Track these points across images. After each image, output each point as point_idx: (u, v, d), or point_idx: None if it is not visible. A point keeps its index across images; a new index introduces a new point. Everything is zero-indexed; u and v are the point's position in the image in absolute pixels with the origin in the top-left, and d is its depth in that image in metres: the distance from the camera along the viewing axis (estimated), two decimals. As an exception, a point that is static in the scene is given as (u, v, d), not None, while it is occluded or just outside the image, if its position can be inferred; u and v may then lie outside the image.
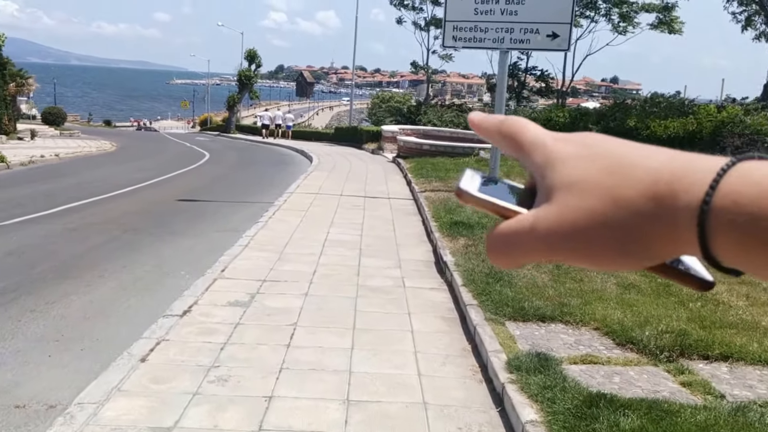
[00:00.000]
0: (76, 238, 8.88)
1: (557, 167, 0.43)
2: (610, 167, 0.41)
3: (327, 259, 7.68)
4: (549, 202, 0.43)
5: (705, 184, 0.38)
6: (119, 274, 7.17)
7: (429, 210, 10.49)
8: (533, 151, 0.45)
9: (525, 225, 0.43)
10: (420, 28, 33.10)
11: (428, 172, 15.18)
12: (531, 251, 0.44)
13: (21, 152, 19.23)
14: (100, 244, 8.55)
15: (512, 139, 0.46)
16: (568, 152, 0.43)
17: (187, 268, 7.56)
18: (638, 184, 0.40)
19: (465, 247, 7.82)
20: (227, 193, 13.73)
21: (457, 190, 0.47)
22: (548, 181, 0.43)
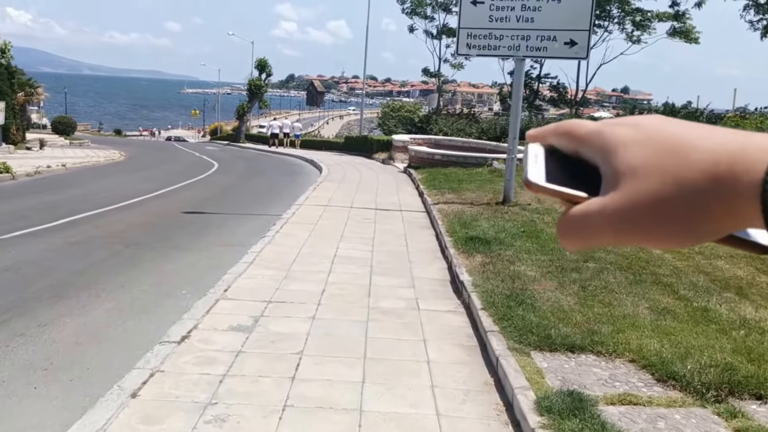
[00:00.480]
0: (77, 253, 8.50)
1: (619, 152, 0.45)
2: (669, 150, 0.43)
3: (336, 278, 7.26)
4: (615, 187, 0.44)
5: (764, 163, 0.40)
6: (117, 294, 6.77)
7: (442, 224, 10.05)
8: (590, 140, 0.47)
9: (595, 209, 0.45)
10: (432, 36, 32.80)
11: (441, 183, 14.74)
12: (601, 234, 0.46)
13: (28, 162, 18.96)
14: (100, 260, 8.16)
15: (569, 135, 0.48)
16: (625, 136, 0.45)
17: (189, 287, 7.16)
18: (699, 165, 0.41)
19: (482, 265, 7.38)
20: (234, 205, 13.35)
21: (526, 181, 0.48)
22: (612, 167, 0.45)
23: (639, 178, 0.43)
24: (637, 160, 0.44)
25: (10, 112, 22.86)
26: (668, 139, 0.44)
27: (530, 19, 11.54)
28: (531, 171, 0.49)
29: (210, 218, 11.61)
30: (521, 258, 7.65)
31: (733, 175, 0.40)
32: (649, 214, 0.43)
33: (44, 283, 7.01)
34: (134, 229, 10.24)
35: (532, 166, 0.49)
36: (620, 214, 0.44)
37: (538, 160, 0.49)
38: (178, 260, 8.41)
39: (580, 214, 0.46)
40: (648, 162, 0.43)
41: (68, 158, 22.39)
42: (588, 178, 0.47)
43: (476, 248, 8.12)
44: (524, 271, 7.08)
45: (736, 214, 0.40)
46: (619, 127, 0.46)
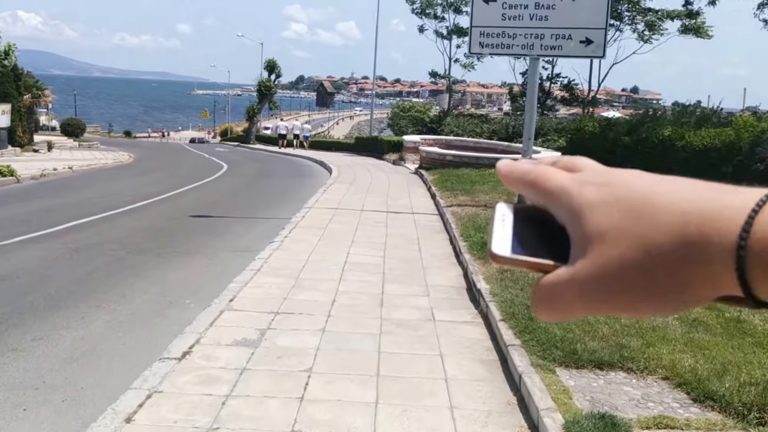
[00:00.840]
0: (77, 260, 8.22)
1: (585, 215, 0.42)
2: (637, 211, 0.40)
3: (347, 286, 6.94)
4: (584, 254, 0.42)
5: (737, 226, 0.37)
6: (117, 304, 6.47)
7: (456, 228, 9.71)
8: (558, 199, 0.44)
9: (564, 279, 0.43)
10: (442, 36, 32.41)
11: (453, 185, 14.40)
12: (573, 305, 0.43)
13: (34, 165, 18.76)
14: (101, 267, 7.88)
15: (536, 188, 0.45)
16: (592, 197, 0.42)
17: (194, 296, 6.85)
18: (667, 229, 0.39)
19: (500, 272, 7.03)
20: (243, 208, 13.05)
21: (490, 253, 0.45)
22: (579, 231, 0.42)
23: (607, 243, 0.41)
24: (604, 224, 0.41)
25: (16, 114, 22.65)
26: (636, 199, 0.41)
27: (544, 17, 11.17)
28: (496, 239, 0.45)
29: (217, 222, 11.32)
30: (540, 264, 7.30)
31: (705, 238, 0.37)
32: (619, 282, 0.40)
33: (42, 293, 6.71)
34: (139, 234, 9.96)
35: (498, 231, 0.45)
36: (589, 284, 0.41)
37: (506, 224, 0.46)
38: (184, 267, 8.11)
39: (549, 284, 0.44)
40: (616, 226, 0.41)
41: (75, 161, 22.19)
42: (558, 242, 0.44)
43: (493, 254, 7.78)
44: (544, 279, 6.73)
45: (712, 281, 0.38)
46: (587, 187, 0.43)
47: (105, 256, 8.44)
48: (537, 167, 0.46)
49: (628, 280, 0.40)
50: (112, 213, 11.76)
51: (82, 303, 6.45)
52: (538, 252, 0.45)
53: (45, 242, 9.15)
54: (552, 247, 0.45)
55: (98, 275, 7.54)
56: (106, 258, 8.36)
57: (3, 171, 15.02)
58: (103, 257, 8.38)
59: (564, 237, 0.44)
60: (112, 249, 8.86)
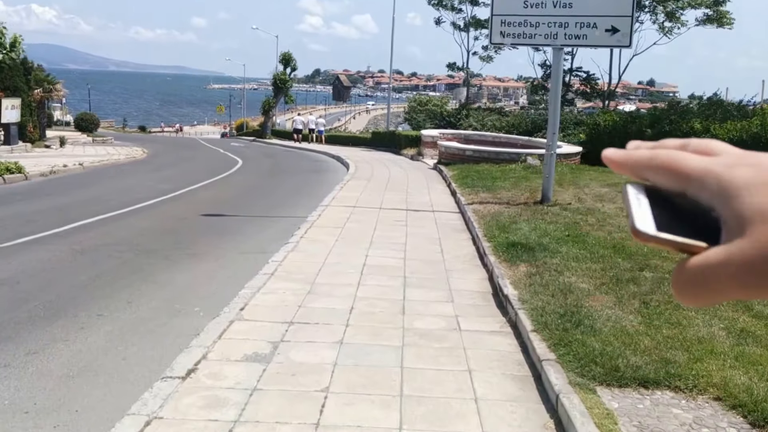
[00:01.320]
0: (82, 263, 7.86)
1: (743, 196, 0.40)
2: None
3: (366, 292, 6.51)
4: (741, 235, 0.40)
5: None
6: (121, 312, 6.09)
7: (479, 226, 9.25)
8: (705, 180, 0.42)
9: (717, 260, 0.40)
10: (459, 29, 31.80)
11: (474, 182, 13.91)
12: (725, 288, 0.41)
13: (45, 161, 18.50)
14: (106, 271, 7.51)
15: (671, 172, 0.43)
16: (748, 178, 0.41)
17: (202, 303, 6.46)
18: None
19: (528, 276, 6.57)
20: (257, 207, 12.66)
21: (634, 230, 0.43)
22: (736, 212, 0.40)
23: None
24: (766, 204, 0.39)
25: (26, 109, 22.37)
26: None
27: (568, 4, 10.66)
28: (637, 217, 0.43)
29: (230, 222, 10.94)
30: (570, 267, 6.84)
31: None
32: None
33: (42, 299, 6.35)
34: (147, 235, 9.60)
35: (637, 210, 0.43)
36: (749, 265, 0.39)
37: (642, 204, 0.44)
38: (193, 270, 7.73)
39: (699, 265, 0.41)
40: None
41: (88, 156, 21.94)
42: (701, 224, 0.42)
43: (519, 256, 7.32)
44: (576, 283, 6.27)
45: None
46: (738, 168, 0.41)
47: (111, 259, 8.07)
48: (664, 151, 0.44)
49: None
50: (121, 212, 11.41)
51: (84, 311, 6.08)
52: (682, 232, 0.42)
53: (50, 243, 8.81)
54: (695, 228, 0.42)
55: (103, 280, 7.17)
56: (112, 261, 7.99)
57: (11, 168, 14.73)
58: (109, 260, 8.02)
59: (703, 221, 0.42)
60: (119, 251, 8.49)
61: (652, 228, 0.43)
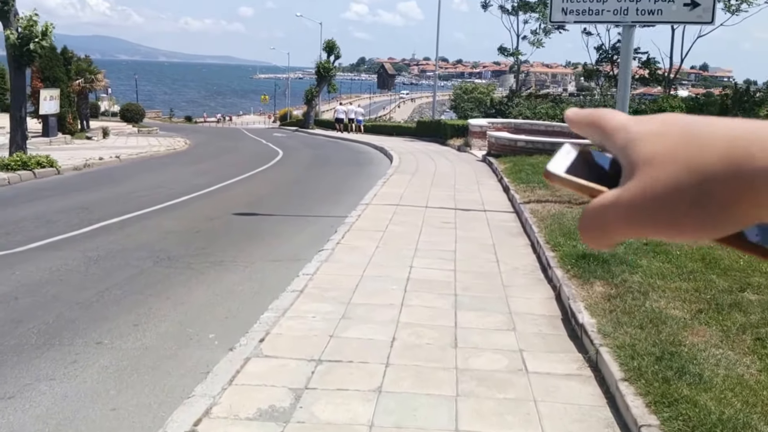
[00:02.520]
0: (93, 274, 7.03)
1: (637, 145, 0.44)
2: (685, 138, 0.42)
3: (410, 315, 5.49)
4: (630, 178, 0.43)
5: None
6: (124, 340, 5.21)
7: (539, 231, 8.14)
8: (615, 134, 0.46)
9: (610, 201, 0.44)
10: (507, 12, 30.32)
11: (528, 176, 12.74)
12: (617, 227, 0.44)
13: (82, 154, 17.94)
14: (118, 284, 6.65)
15: (597, 127, 0.47)
16: (647, 131, 0.44)
17: (220, 326, 5.55)
18: (713, 150, 0.40)
19: (606, 299, 5.46)
20: (293, 204, 11.74)
21: (545, 172, 0.48)
22: (631, 158, 0.44)
23: (654, 166, 0.42)
24: (651, 149, 0.43)
25: (65, 100, 21.93)
26: (686, 129, 0.42)
27: (641, -25, 9.39)
28: (554, 162, 0.48)
29: (264, 222, 10.04)
30: (656, 287, 5.70)
31: (749, 156, 0.38)
32: (663, 202, 0.41)
33: (38, 321, 5.51)
34: (171, 238, 8.75)
35: (559, 158, 0.48)
36: (634, 204, 0.42)
37: (569, 155, 0.48)
38: (216, 283, 6.82)
39: (596, 206, 0.45)
40: (664, 151, 0.42)
41: (128, 148, 21.41)
42: (615, 177, 0.45)
43: (591, 270, 6.20)
44: (666, 310, 5.13)
45: (755, 200, 0.39)
46: (644, 123, 0.45)
47: (127, 268, 7.22)
48: (598, 110, 0.49)
49: (673, 201, 0.41)
50: (148, 210, 10.62)
51: (82, 337, 5.22)
52: (591, 179, 0.46)
53: (63, 248, 8.03)
54: (607, 180, 0.46)
55: (112, 295, 6.31)
56: (127, 271, 7.14)
57: (42, 162, 14.13)
58: (124, 269, 7.17)
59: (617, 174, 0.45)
60: (138, 258, 7.65)
61: (561, 170, 0.46)
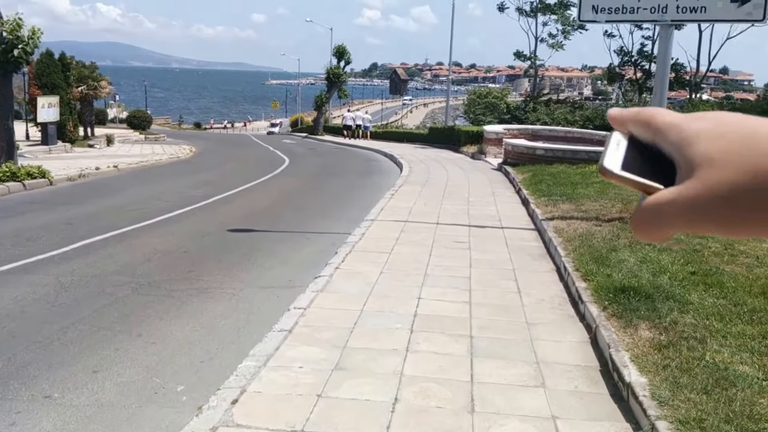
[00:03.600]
0: (62, 304, 6.19)
1: (694, 144, 0.45)
2: (744, 140, 0.44)
3: (417, 365, 4.59)
4: (690, 177, 0.45)
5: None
6: (78, 393, 4.36)
7: (566, 254, 7.22)
8: (669, 131, 0.47)
9: (668, 199, 0.46)
10: (525, 14, 29.30)
11: (550, 188, 11.80)
12: (674, 224, 0.46)
13: (80, 163, 17.17)
14: (86, 318, 5.80)
15: (648, 124, 0.49)
16: (703, 129, 0.46)
17: (193, 375, 4.70)
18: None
19: (656, 348, 4.52)
20: (294, 219, 10.87)
21: (601, 168, 0.49)
22: (688, 157, 0.46)
23: (715, 168, 0.44)
24: (713, 151, 0.44)
25: (65, 107, 21.16)
26: (743, 130, 0.44)
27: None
28: (608, 158, 0.49)
29: (260, 239, 9.17)
30: (714, 330, 4.76)
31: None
32: (723, 203, 0.43)
33: (-21, 369, 4.66)
34: (156, 260, 7.90)
35: (612, 153, 0.50)
36: (694, 203, 0.44)
37: (620, 148, 0.50)
38: (197, 315, 5.97)
39: (653, 203, 0.47)
40: (725, 153, 0.44)
41: (130, 157, 20.67)
42: (666, 172, 0.48)
43: (633, 308, 5.26)
44: (733, 365, 4.19)
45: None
46: (698, 121, 0.47)
47: (100, 297, 6.38)
48: (647, 108, 0.50)
49: (734, 203, 0.43)
50: (138, 226, 9.79)
51: (29, 389, 4.38)
52: (646, 176, 0.48)
53: (36, 272, 7.21)
54: (660, 175, 0.48)
55: (76, 332, 5.46)
56: (100, 300, 6.30)
57: (32, 172, 13.34)
58: (97, 299, 6.33)
59: (670, 169, 0.47)
60: (115, 284, 6.81)
61: (617, 167, 0.48)
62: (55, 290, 6.60)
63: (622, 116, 0.51)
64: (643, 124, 0.49)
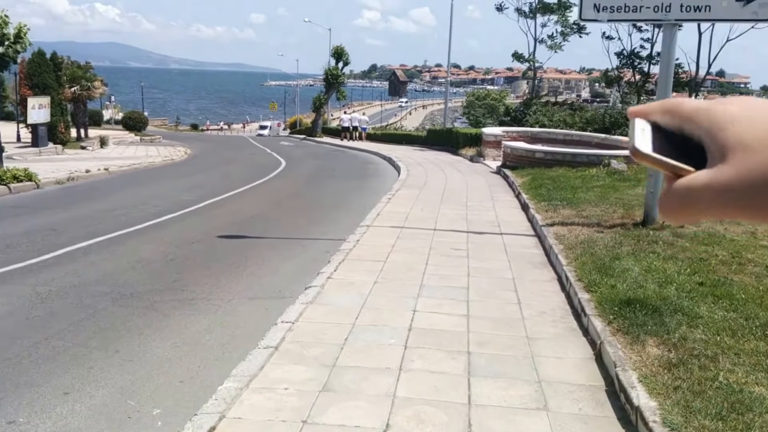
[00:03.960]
0: (36, 317, 5.88)
1: (727, 128, 0.45)
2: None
3: (410, 386, 4.28)
4: (724, 161, 0.45)
5: None
6: (44, 418, 4.05)
7: (567, 263, 6.91)
8: (696, 116, 0.47)
9: (701, 182, 0.45)
10: (524, 15, 29.00)
11: (550, 192, 11.49)
12: (706, 207, 0.46)
13: (70, 166, 16.84)
14: (61, 332, 5.49)
15: (674, 112, 0.49)
16: (734, 113, 0.45)
17: (170, 398, 4.39)
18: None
19: (666, 368, 4.21)
20: (287, 224, 10.56)
21: (632, 149, 0.50)
22: (720, 141, 0.45)
23: (750, 152, 0.43)
24: (748, 135, 0.44)
25: (56, 108, 20.78)
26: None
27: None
28: (638, 140, 0.50)
29: (250, 246, 8.86)
30: (726, 348, 4.46)
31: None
32: (759, 188, 0.43)
33: (-61, 393, 4.35)
34: (140, 268, 7.59)
35: (640, 136, 0.50)
36: (729, 187, 0.44)
37: (645, 132, 0.50)
38: (180, 329, 5.66)
39: (685, 186, 0.47)
40: (757, 138, 0.43)
41: (123, 159, 20.37)
42: (692, 155, 0.48)
43: (640, 322, 4.95)
44: (748, 386, 3.89)
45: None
46: (728, 105, 0.46)
47: (78, 309, 6.07)
48: (671, 99, 0.50)
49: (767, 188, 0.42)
50: (124, 232, 9.48)
51: (-14, 417, 4.05)
52: (674, 158, 0.48)
53: (13, 282, 6.90)
54: (686, 158, 0.48)
55: (49, 348, 5.15)
56: (77, 312, 5.99)
57: (18, 175, 13.01)
58: (74, 311, 6.02)
59: (697, 153, 0.47)
60: (95, 294, 6.50)
61: (649, 149, 0.49)
62: (31, 302, 6.29)
63: (644, 109, 0.51)
64: (670, 111, 0.49)
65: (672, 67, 8.37)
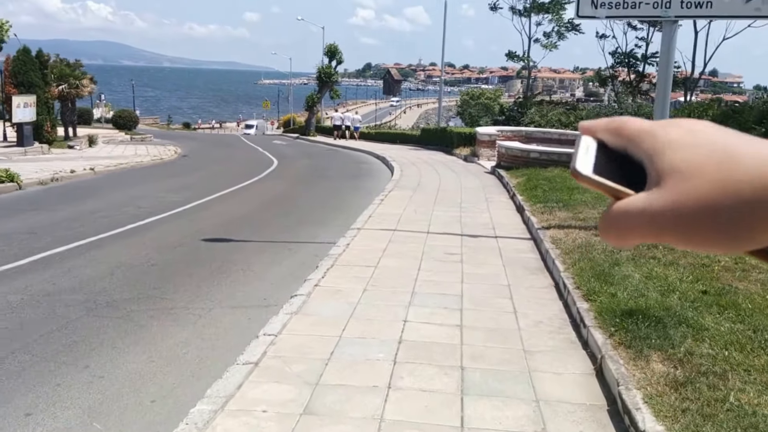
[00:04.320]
0: (4, 327, 5.56)
1: (666, 153, 0.45)
2: (718, 156, 0.43)
3: (399, 407, 3.98)
4: (659, 186, 0.44)
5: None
6: (-3, 446, 3.73)
7: (565, 269, 6.63)
8: (638, 138, 0.47)
9: (637, 206, 0.45)
10: (519, 13, 28.71)
11: (545, 193, 11.21)
12: (641, 232, 0.45)
13: (54, 166, 16.46)
14: (29, 345, 5.18)
15: (619, 132, 0.48)
16: (674, 138, 0.45)
17: (139, 421, 4.07)
18: (748, 175, 0.41)
19: (672, 387, 3.92)
20: (276, 226, 10.25)
21: (573, 170, 0.48)
22: (658, 166, 0.45)
23: (685, 180, 0.43)
24: (683, 162, 0.44)
25: (43, 107, 20.38)
26: (719, 145, 0.43)
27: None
28: (579, 161, 0.48)
29: (237, 250, 8.55)
30: (734, 364, 4.17)
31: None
32: (692, 216, 0.43)
33: None
34: (119, 274, 7.26)
35: (582, 156, 0.49)
36: (663, 213, 0.44)
37: (589, 152, 0.49)
38: (156, 342, 5.35)
39: (623, 209, 0.46)
40: (696, 166, 0.43)
41: (110, 158, 20.00)
42: (635, 178, 0.47)
43: (643, 335, 4.66)
44: (759, 407, 3.61)
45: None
46: (671, 128, 0.46)
47: (49, 320, 5.75)
48: (619, 117, 0.49)
49: (700, 216, 0.42)
50: (105, 235, 9.15)
51: (-59, 441, 3.74)
52: (616, 180, 0.47)
53: (-15, 289, 6.57)
54: (629, 181, 0.47)
55: (15, 364, 4.83)
56: (48, 323, 5.67)
57: (0, 177, 12.65)
58: (45, 322, 5.69)
59: (638, 175, 0.46)
60: (69, 304, 6.18)
61: (589, 170, 0.47)
62: (4, 310, 5.97)
63: (593, 125, 0.50)
64: (615, 132, 0.48)
65: (671, 66, 8.10)
